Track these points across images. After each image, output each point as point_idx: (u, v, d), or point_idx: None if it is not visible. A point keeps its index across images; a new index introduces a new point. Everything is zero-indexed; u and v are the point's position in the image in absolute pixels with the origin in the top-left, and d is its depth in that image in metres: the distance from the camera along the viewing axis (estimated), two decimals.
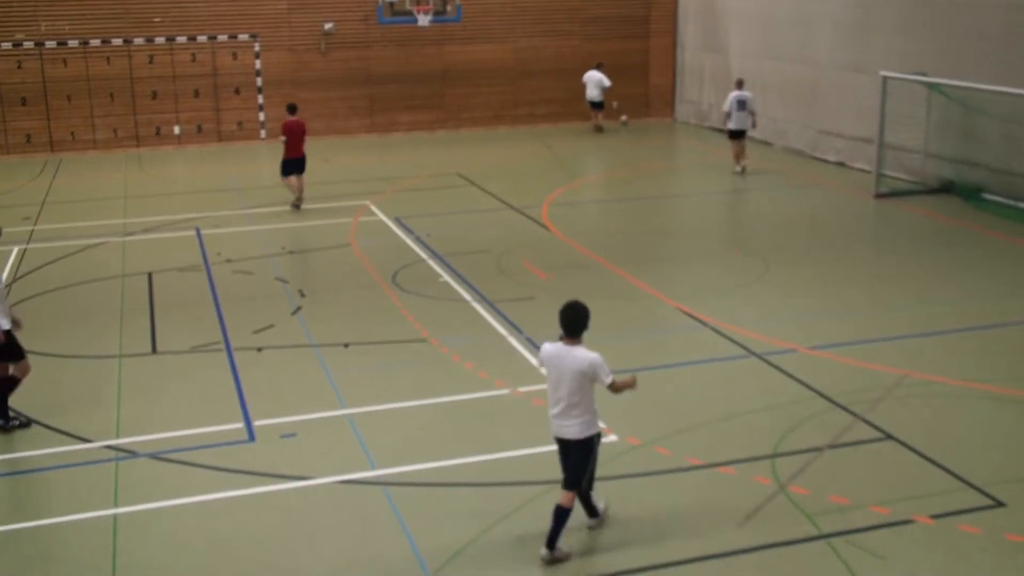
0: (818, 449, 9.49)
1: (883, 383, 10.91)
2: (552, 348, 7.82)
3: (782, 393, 10.79)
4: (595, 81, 27.35)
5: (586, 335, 7.75)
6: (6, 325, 10.07)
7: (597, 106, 27.66)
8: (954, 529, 8.12)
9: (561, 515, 7.77)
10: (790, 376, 11.19)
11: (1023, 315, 13.02)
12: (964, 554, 7.82)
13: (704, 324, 12.90)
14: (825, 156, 23.44)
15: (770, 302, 13.92)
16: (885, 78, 19.64)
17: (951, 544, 7.94)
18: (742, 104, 21.68)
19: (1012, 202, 18.28)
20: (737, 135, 21.88)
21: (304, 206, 19.45)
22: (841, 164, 22.85)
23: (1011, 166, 18.52)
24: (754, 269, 15.30)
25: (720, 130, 25.83)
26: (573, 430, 7.72)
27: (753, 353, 11.86)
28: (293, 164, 19.42)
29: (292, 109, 19.74)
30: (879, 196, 19.71)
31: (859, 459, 9.37)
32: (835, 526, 8.19)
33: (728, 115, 21.88)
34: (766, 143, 25.53)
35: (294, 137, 19.25)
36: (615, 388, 7.79)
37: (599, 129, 27.78)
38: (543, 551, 7.79)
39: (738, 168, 21.92)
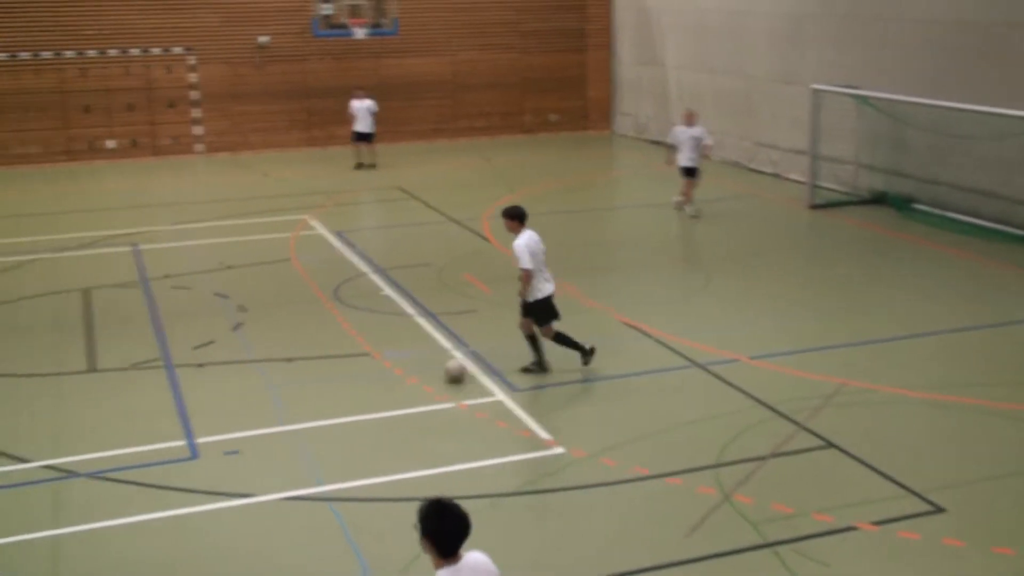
0: (761, 458, 9.62)
1: (822, 391, 11.09)
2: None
3: (725, 403, 10.92)
4: (366, 109, 24.51)
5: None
6: (549, 290, 11.34)
7: (367, 137, 24.71)
8: (895, 535, 8.27)
9: None
10: (732, 386, 11.33)
11: (952, 323, 13.33)
12: (905, 559, 7.97)
13: (647, 335, 13.00)
14: (761, 168, 23.80)
15: (712, 313, 14.08)
16: (816, 91, 20.02)
17: (892, 550, 8.09)
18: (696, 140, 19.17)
19: (940, 211, 18.74)
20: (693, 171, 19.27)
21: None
22: (777, 175, 23.21)
23: (937, 176, 18.97)
24: (696, 280, 15.47)
25: (656, 142, 26.17)
26: None
27: (696, 363, 11.99)
28: None
29: None
30: (814, 207, 20.05)
31: (801, 467, 9.51)
32: (780, 534, 8.29)
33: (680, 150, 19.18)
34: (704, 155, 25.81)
35: None
36: None
37: (369, 166, 24.69)
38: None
39: (685, 201, 19.41)
